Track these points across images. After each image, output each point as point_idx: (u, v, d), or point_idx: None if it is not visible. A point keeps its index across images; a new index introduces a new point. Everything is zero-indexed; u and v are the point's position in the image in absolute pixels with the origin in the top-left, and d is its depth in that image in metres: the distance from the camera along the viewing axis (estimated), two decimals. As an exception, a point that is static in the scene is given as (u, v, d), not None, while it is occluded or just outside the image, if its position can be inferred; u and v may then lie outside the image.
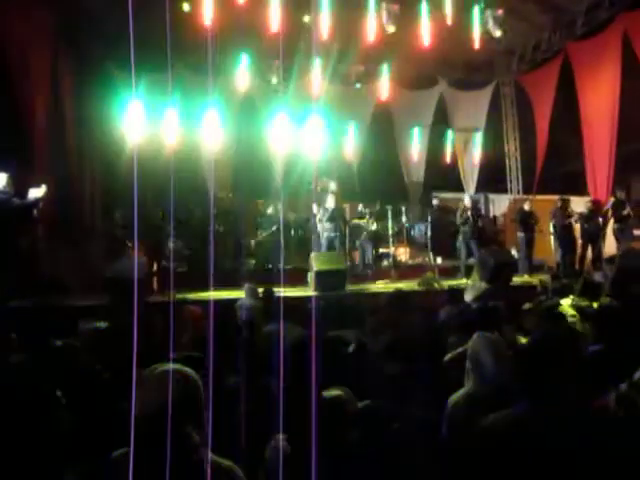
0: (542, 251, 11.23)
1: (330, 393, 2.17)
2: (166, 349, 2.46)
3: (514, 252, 10.78)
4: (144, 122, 10.09)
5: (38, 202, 7.25)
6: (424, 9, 10.24)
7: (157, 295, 7.55)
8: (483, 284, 7.76)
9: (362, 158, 12.61)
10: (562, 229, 10.60)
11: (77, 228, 9.05)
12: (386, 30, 10.16)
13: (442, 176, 13.57)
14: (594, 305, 4.32)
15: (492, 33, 10.48)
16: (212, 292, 7.36)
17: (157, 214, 8.88)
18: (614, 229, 10.42)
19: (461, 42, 11.00)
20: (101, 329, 4.57)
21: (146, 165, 10.35)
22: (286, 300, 5.98)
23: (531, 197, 11.56)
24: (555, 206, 10.84)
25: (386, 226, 10.93)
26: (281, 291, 6.71)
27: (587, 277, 7.13)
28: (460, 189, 13.54)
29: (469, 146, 13.59)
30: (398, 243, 11.69)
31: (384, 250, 11.27)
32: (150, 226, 8.58)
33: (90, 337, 4.20)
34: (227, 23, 9.71)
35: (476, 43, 10.72)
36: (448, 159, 13.43)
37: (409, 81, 12.86)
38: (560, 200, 10.90)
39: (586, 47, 11.41)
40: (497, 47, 12.28)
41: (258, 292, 6.41)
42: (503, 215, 13.55)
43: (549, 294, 6.27)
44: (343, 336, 3.26)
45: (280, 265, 9.68)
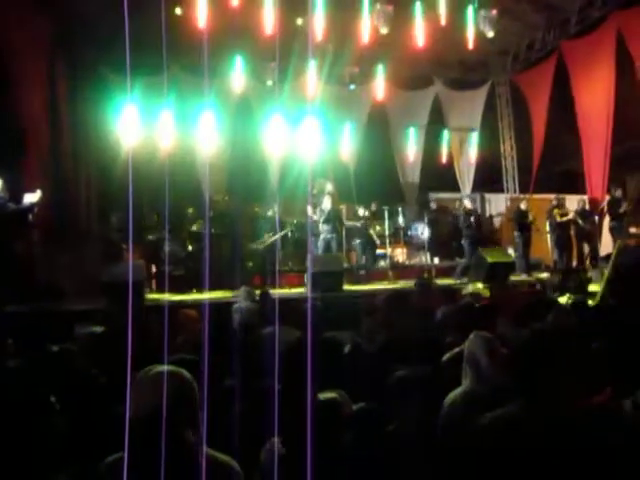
0: (539, 250, 11.25)
1: (325, 395, 2.17)
2: (161, 352, 2.46)
3: (511, 251, 10.81)
4: (139, 126, 10.08)
5: (33, 207, 7.23)
6: (418, 10, 10.26)
7: (154, 298, 7.54)
8: (479, 284, 7.79)
9: (358, 159, 12.61)
10: (558, 228, 10.64)
11: (73, 233, 9.02)
12: (380, 31, 10.17)
13: (438, 176, 13.58)
14: (590, 302, 4.32)
15: (485, 33, 10.50)
16: (208, 295, 7.36)
17: (152, 217, 8.88)
18: (610, 227, 10.45)
19: (455, 42, 11.02)
20: (97, 333, 4.57)
21: (141, 169, 10.38)
22: (282, 302, 5.99)
23: (527, 196, 11.58)
24: (551, 205, 10.87)
25: (383, 227, 10.94)
26: (277, 293, 6.71)
27: (583, 275, 7.16)
28: (456, 189, 13.55)
29: (465, 146, 13.60)
30: (395, 244, 11.70)
31: (381, 251, 11.28)
32: (146, 229, 8.57)
33: (87, 342, 4.19)
34: (222, 25, 9.71)
35: (470, 43, 10.74)
36: (444, 159, 13.45)
37: (404, 81, 12.88)
38: (556, 199, 10.94)
39: (580, 46, 11.44)
40: (491, 47, 12.30)
41: (255, 294, 6.41)
42: (499, 215, 13.57)
43: (548, 291, 6.30)
44: (339, 337, 3.26)
45: (276, 267, 9.67)
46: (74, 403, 2.22)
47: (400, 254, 11.93)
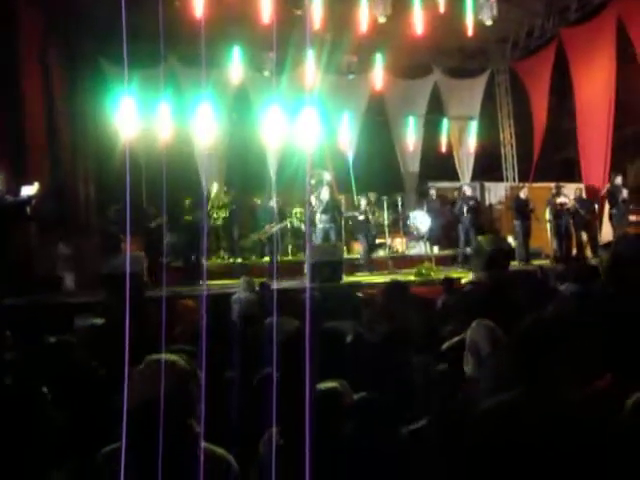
0: (539, 238, 11.23)
1: (325, 385, 2.15)
2: (160, 343, 2.44)
3: (511, 240, 10.78)
4: (137, 117, 10.02)
5: (31, 199, 7.20)
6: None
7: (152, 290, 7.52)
8: (480, 272, 7.78)
9: (357, 149, 12.56)
10: (558, 216, 10.61)
11: (70, 225, 9.00)
12: (379, 19, 10.09)
13: (438, 165, 13.53)
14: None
15: (484, 21, 10.41)
16: (206, 285, 7.35)
17: (151, 209, 8.85)
18: (610, 215, 10.42)
19: (454, 30, 10.93)
20: (97, 325, 4.56)
21: (139, 161, 10.34)
22: (281, 292, 5.98)
23: (527, 185, 11.52)
24: (551, 193, 10.84)
25: (382, 217, 10.91)
26: (277, 283, 6.70)
27: (582, 263, 7.14)
28: (456, 178, 13.51)
29: (464, 135, 13.55)
30: (394, 233, 11.67)
31: (380, 241, 11.26)
32: (144, 221, 8.54)
33: (86, 334, 4.18)
34: (219, 15, 9.63)
35: (469, 31, 10.65)
36: (443, 148, 13.40)
37: (403, 70, 12.80)
38: (556, 187, 10.90)
39: (580, 33, 11.35)
40: (490, 34, 12.20)
41: (254, 285, 6.40)
42: (499, 203, 13.53)
43: (550, 279, 6.28)
44: (339, 327, 3.25)
45: (274, 257, 9.67)
46: (72, 395, 2.21)
47: (399, 244, 11.91)
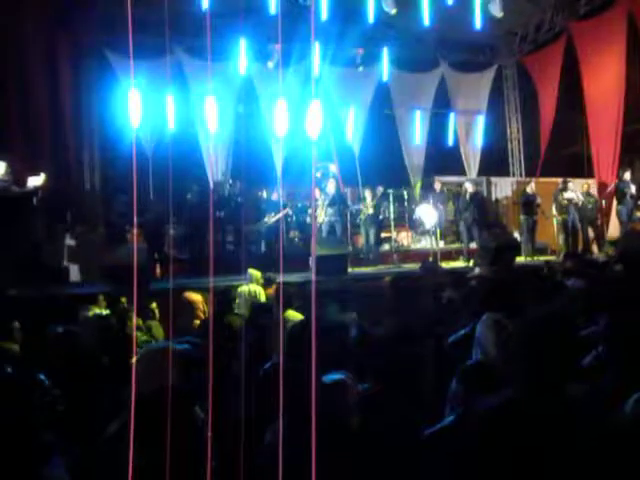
0: (545, 234, 11.19)
1: (332, 377, 2.15)
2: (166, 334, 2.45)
3: (517, 235, 10.75)
4: (143, 108, 10.01)
5: (37, 191, 7.21)
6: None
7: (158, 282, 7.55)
8: (485, 267, 7.75)
9: (363, 142, 12.51)
10: (564, 212, 10.55)
11: (77, 216, 9.02)
12: (387, 11, 10.03)
13: (444, 159, 13.48)
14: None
15: (493, 13, 10.34)
16: (213, 279, 7.35)
17: (156, 201, 8.86)
18: (617, 210, 10.36)
19: (462, 23, 10.87)
20: (102, 316, 4.58)
21: (145, 152, 10.35)
22: (287, 285, 5.97)
23: (534, 180, 11.46)
24: (557, 188, 10.78)
25: (388, 210, 10.89)
26: (282, 277, 6.70)
27: (588, 258, 7.10)
28: (462, 172, 13.45)
29: (471, 129, 13.47)
30: (400, 227, 11.65)
31: (386, 234, 11.24)
32: (150, 213, 8.55)
33: (91, 324, 4.20)
34: (225, 6, 9.60)
35: (477, 24, 10.59)
36: (450, 142, 13.34)
37: (410, 63, 12.72)
38: (562, 182, 10.85)
39: (589, 27, 11.24)
40: (498, 28, 12.11)
41: (260, 278, 6.41)
42: (506, 198, 13.48)
43: (557, 275, 6.25)
44: (344, 320, 3.25)
45: (281, 251, 9.68)
46: (76, 383, 2.22)
47: (405, 237, 11.89)
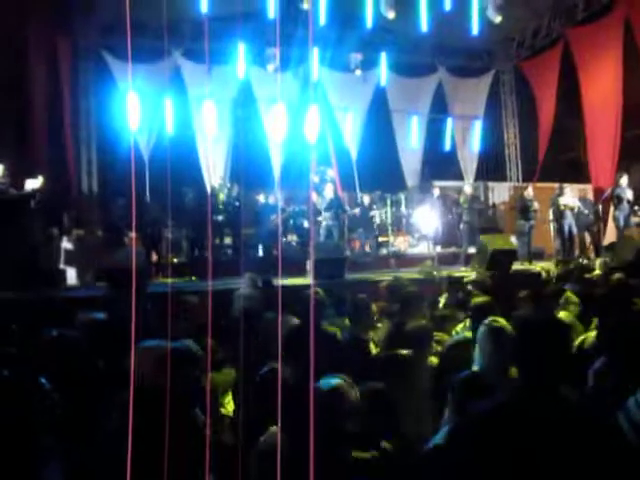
0: (541, 239, 11.21)
1: (329, 382, 2.14)
2: (162, 338, 2.45)
3: (514, 240, 10.77)
4: (141, 111, 10.02)
5: (35, 193, 7.21)
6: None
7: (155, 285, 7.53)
8: (482, 272, 7.77)
9: (360, 146, 12.54)
10: (561, 217, 10.58)
11: (74, 219, 9.01)
12: (385, 16, 10.07)
13: (441, 164, 13.52)
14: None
15: (492, 19, 10.38)
16: (210, 282, 7.34)
17: (155, 204, 8.86)
18: (613, 216, 10.39)
19: (460, 29, 10.91)
20: (99, 319, 4.56)
21: (142, 155, 10.36)
22: (285, 289, 5.97)
23: (531, 185, 11.48)
24: (554, 194, 10.81)
25: (385, 215, 10.90)
26: (281, 280, 6.70)
27: (584, 264, 7.13)
28: (459, 177, 13.49)
29: (468, 134, 13.52)
30: (397, 232, 11.66)
31: (383, 239, 11.25)
32: (147, 216, 8.55)
33: (88, 328, 4.19)
34: (224, 10, 9.64)
35: (475, 29, 10.63)
36: (447, 147, 13.37)
37: (407, 68, 12.77)
38: (559, 188, 10.87)
39: (586, 33, 11.29)
40: (496, 34, 12.16)
41: (258, 282, 6.39)
42: (503, 203, 13.51)
43: (553, 280, 6.28)
44: (339, 325, 3.25)
45: (279, 254, 9.67)
46: (72, 387, 2.22)
47: (402, 242, 11.89)
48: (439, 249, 11.17)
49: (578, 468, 1.64)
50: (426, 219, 10.96)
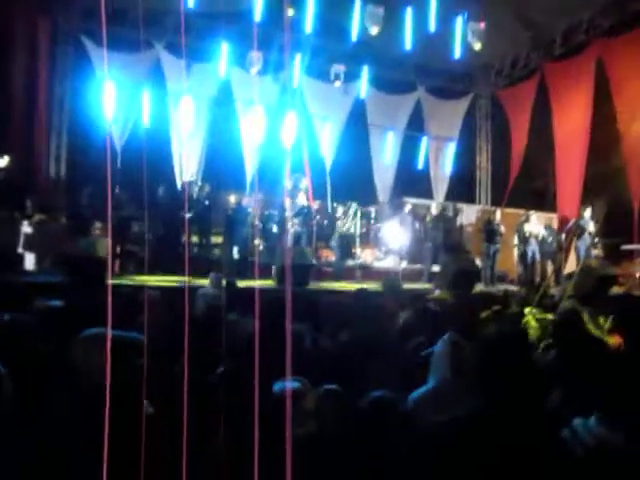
0: (505, 262, 11.43)
1: (285, 385, 2.14)
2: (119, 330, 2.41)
3: (478, 262, 10.95)
4: (117, 100, 9.88)
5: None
6: (408, 14, 10.32)
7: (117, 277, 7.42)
8: (444, 290, 7.88)
9: (335, 156, 12.60)
10: (525, 243, 10.82)
11: (37, 203, 8.79)
12: (369, 31, 10.19)
13: (413, 182, 13.67)
14: (549, 316, 4.42)
15: (472, 45, 10.62)
16: (172, 278, 7.26)
17: (123, 196, 8.73)
18: (575, 246, 10.68)
19: (442, 51, 11.12)
20: (55, 307, 4.46)
21: (115, 145, 10.20)
22: (247, 292, 5.94)
23: (499, 209, 11.72)
24: (520, 220, 11.05)
25: (354, 226, 10.97)
26: (243, 283, 6.67)
27: (545, 290, 7.29)
28: (430, 196, 13.65)
29: (442, 154, 13.72)
30: (365, 244, 11.74)
31: (350, 250, 11.30)
32: (115, 208, 8.40)
33: (44, 314, 4.09)
34: (211, 7, 9.60)
35: (456, 53, 10.86)
36: (420, 165, 13.54)
37: (388, 84, 12.92)
38: (525, 215, 11.13)
39: (561, 68, 11.63)
40: (476, 59, 12.42)
41: (222, 282, 6.36)
42: (470, 225, 13.72)
43: (512, 303, 6.40)
44: (299, 330, 3.25)
45: (248, 258, 9.65)
46: (22, 372, 2.17)
47: (369, 255, 11.97)
48: (405, 264, 11.28)
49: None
50: (394, 234, 11.07)
